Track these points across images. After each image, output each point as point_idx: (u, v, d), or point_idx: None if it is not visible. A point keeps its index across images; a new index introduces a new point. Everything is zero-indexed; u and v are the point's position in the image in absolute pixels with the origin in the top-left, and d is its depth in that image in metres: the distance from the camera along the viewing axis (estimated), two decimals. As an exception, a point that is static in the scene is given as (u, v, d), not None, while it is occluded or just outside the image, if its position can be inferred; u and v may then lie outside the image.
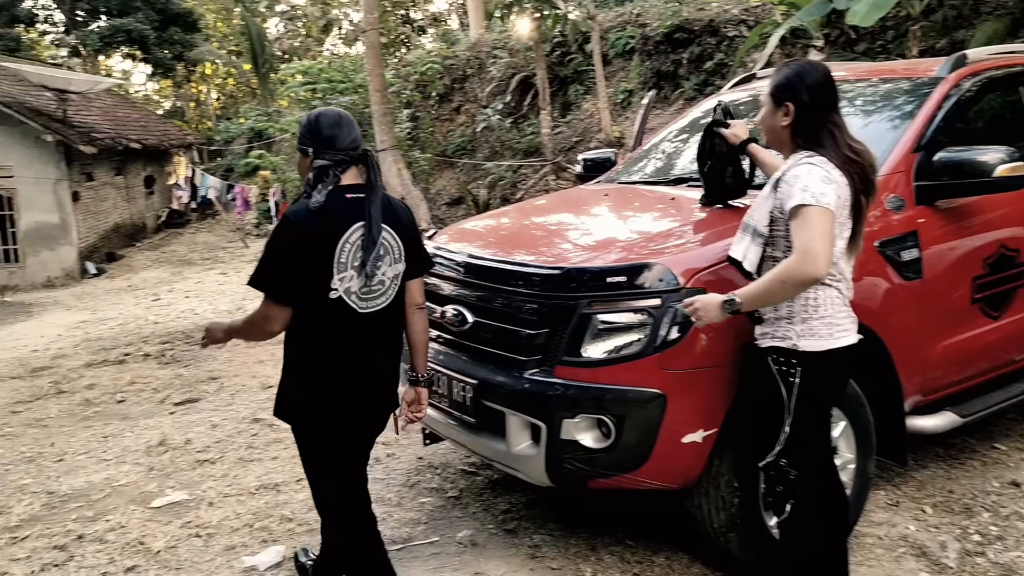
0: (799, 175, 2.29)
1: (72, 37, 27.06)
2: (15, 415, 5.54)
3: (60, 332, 9.75)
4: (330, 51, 31.67)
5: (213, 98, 36.00)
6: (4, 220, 15.63)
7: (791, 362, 2.39)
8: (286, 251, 2.38)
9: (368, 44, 12.81)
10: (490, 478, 3.99)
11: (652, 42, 12.84)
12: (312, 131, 2.49)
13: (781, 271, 2.27)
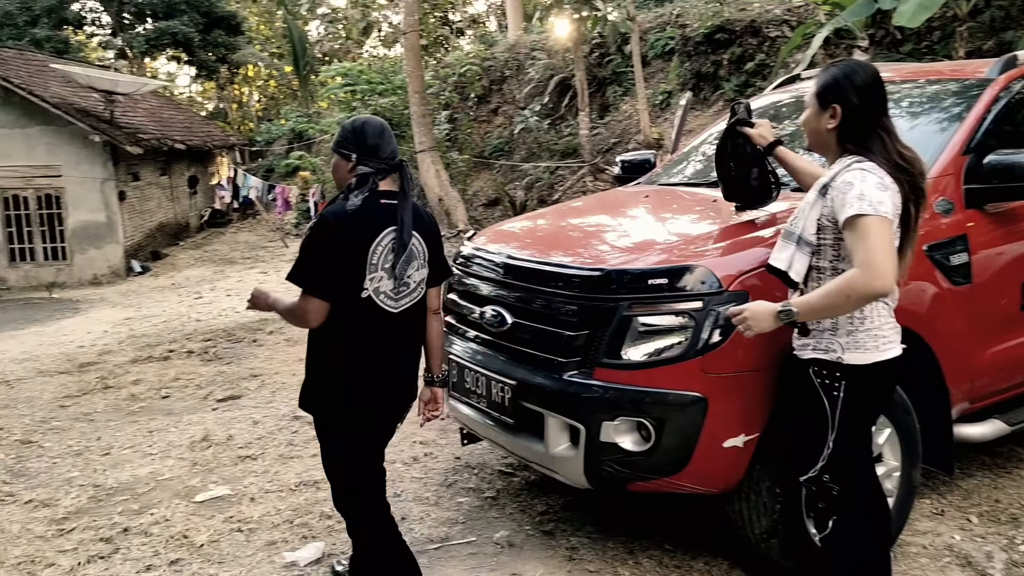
0: (852, 181, 2.20)
1: (119, 39, 27.65)
2: (63, 409, 5.68)
3: (106, 328, 9.96)
4: (369, 53, 31.92)
5: (255, 100, 36.50)
6: (53, 218, 16.02)
7: (835, 375, 2.31)
8: (323, 249, 2.50)
9: (408, 46, 12.91)
10: (527, 479, 3.99)
11: (692, 43, 12.74)
12: (357, 138, 2.61)
13: (845, 285, 2.17)
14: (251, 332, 8.30)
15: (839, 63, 2.40)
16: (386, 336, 2.61)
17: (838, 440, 2.34)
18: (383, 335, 2.59)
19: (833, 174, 2.29)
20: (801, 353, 2.40)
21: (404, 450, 4.45)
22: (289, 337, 7.72)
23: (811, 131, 2.41)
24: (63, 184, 15.75)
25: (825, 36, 8.28)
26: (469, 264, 3.58)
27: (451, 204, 12.94)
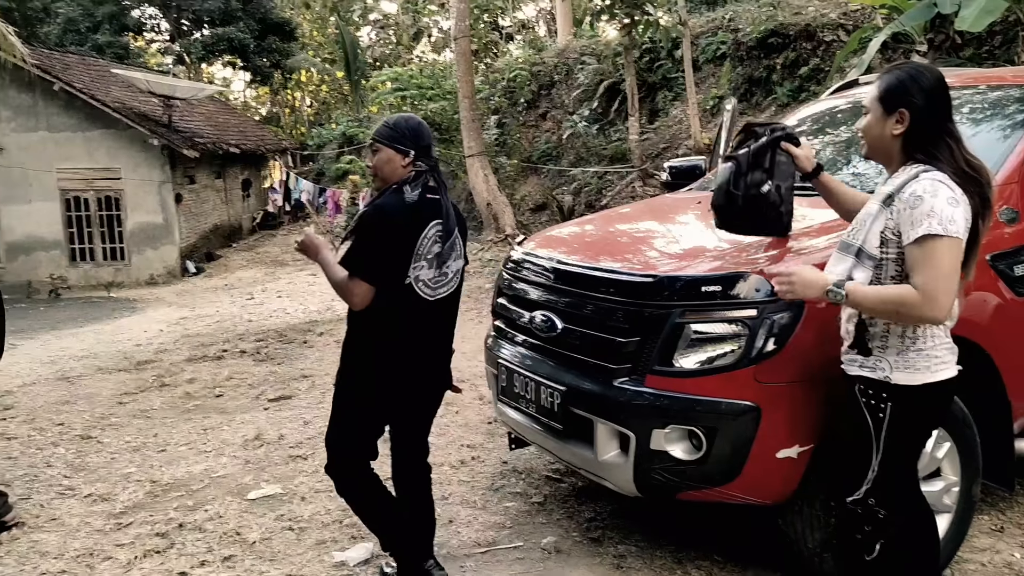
0: (921, 195, 2.08)
1: (177, 45, 28.35)
2: (122, 406, 5.84)
3: (162, 328, 10.21)
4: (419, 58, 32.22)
5: (307, 104, 37.09)
6: (112, 220, 16.48)
7: (881, 396, 2.20)
8: (379, 238, 2.69)
9: (459, 51, 13.00)
10: (575, 485, 3.98)
11: (744, 47, 12.59)
12: (415, 137, 2.79)
13: (900, 301, 2.08)
14: (302, 333, 8.44)
15: (901, 65, 2.28)
16: (421, 323, 2.80)
17: (883, 464, 2.24)
18: (419, 321, 2.79)
19: (899, 184, 2.16)
20: (848, 368, 2.31)
21: (451, 453, 4.47)
22: (339, 339, 7.81)
23: (873, 138, 2.26)
24: (123, 186, 16.20)
25: (882, 41, 8.12)
26: (519, 269, 3.59)
27: (499, 208, 12.99)
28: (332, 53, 32.97)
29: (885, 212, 2.16)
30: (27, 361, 8.38)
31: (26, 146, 15.99)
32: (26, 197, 16.20)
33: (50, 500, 4.05)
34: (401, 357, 2.79)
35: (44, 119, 15.96)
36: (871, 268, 2.19)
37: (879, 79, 2.28)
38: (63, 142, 16.02)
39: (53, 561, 3.38)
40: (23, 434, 5.19)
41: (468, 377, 6.01)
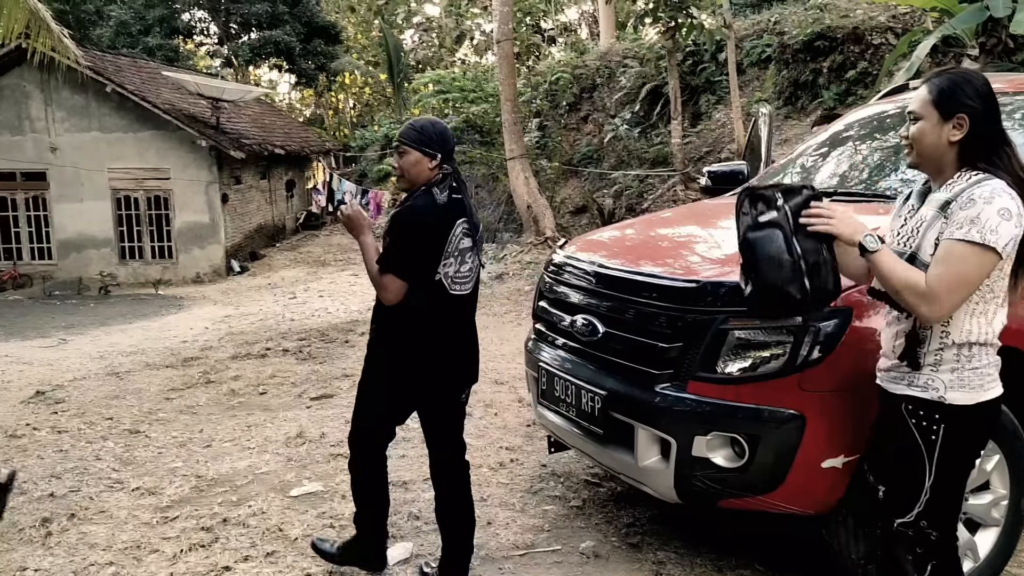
0: (975, 199, 2.00)
1: (225, 48, 28.86)
2: (168, 402, 5.96)
3: (207, 325, 10.40)
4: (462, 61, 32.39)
5: (350, 107, 37.50)
6: (161, 219, 16.84)
7: (934, 417, 2.10)
8: (414, 238, 2.81)
9: (502, 54, 13.04)
10: (613, 490, 3.97)
11: (790, 50, 12.45)
12: (442, 141, 2.90)
13: (909, 282, 2.01)
14: (343, 333, 8.54)
15: (948, 71, 2.20)
16: (449, 317, 2.92)
17: (936, 487, 2.15)
18: (446, 316, 2.91)
19: (958, 191, 2.07)
20: (891, 386, 2.20)
21: (490, 455, 4.49)
22: (379, 339, 7.90)
23: (928, 145, 2.14)
24: (171, 186, 16.54)
25: (932, 44, 7.96)
26: (560, 272, 3.59)
27: (539, 211, 12.99)
28: (376, 56, 33.30)
29: (940, 218, 2.08)
30: (77, 356, 8.60)
31: (79, 146, 16.41)
32: (78, 196, 16.62)
33: (99, 493, 4.15)
34: (430, 350, 2.91)
35: (96, 120, 16.36)
36: None
37: (928, 84, 2.17)
38: (115, 142, 16.41)
39: (102, 553, 3.46)
40: (74, 427, 5.33)
41: (507, 379, 6.04)
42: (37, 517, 3.83)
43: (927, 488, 2.16)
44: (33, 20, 10.10)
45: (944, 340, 2.10)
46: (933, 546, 2.23)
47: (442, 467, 3.09)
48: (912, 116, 2.17)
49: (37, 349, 9.63)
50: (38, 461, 4.67)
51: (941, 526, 2.22)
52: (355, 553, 3.26)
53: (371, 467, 3.21)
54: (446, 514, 3.08)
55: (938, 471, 2.14)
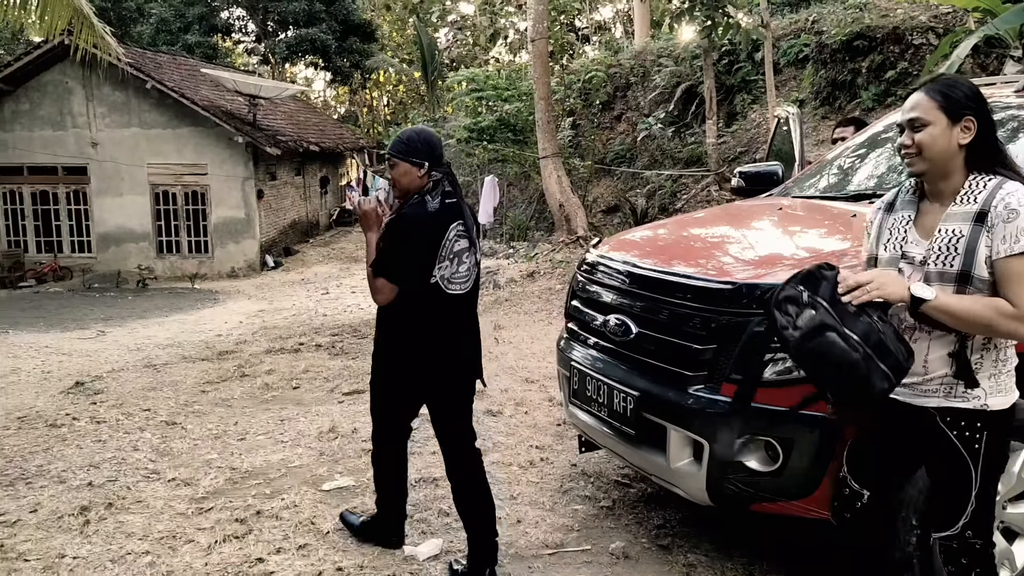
0: (1016, 208, 1.99)
1: (262, 46, 29.19)
2: (204, 394, 6.05)
3: (241, 319, 10.54)
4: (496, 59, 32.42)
5: (384, 104, 37.73)
6: (198, 214, 17.08)
7: (975, 425, 2.08)
8: (407, 245, 2.95)
9: (536, 53, 13.03)
10: (644, 491, 3.96)
11: (828, 50, 12.28)
12: (428, 148, 3.03)
13: (994, 314, 1.97)
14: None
15: (940, 77, 2.23)
16: (447, 316, 3.03)
17: (981, 495, 2.13)
18: (444, 315, 3.02)
19: (986, 198, 2.05)
20: (918, 400, 2.14)
21: (520, 454, 4.50)
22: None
23: (939, 151, 2.09)
24: (208, 182, 16.78)
25: (974, 44, 7.80)
26: (593, 271, 3.58)
27: (571, 210, 12.97)
28: (410, 54, 33.46)
29: (982, 231, 2.03)
30: (115, 348, 8.76)
31: (119, 141, 16.72)
32: (118, 190, 16.94)
33: (136, 483, 4.22)
34: (431, 347, 3.03)
35: (136, 116, 16.65)
36: (984, 291, 2.05)
37: (927, 92, 2.13)
38: (154, 138, 16.69)
39: (138, 542, 3.52)
40: (112, 418, 5.43)
41: (537, 378, 6.04)
42: (75, 505, 3.90)
43: (973, 499, 2.13)
44: (76, 16, 10.29)
45: (986, 346, 2.09)
46: (977, 555, 2.21)
47: (454, 459, 3.17)
48: (916, 124, 2.11)
49: (76, 340, 9.83)
50: (77, 451, 4.77)
51: (984, 534, 2.20)
52: (375, 530, 3.47)
53: (390, 461, 3.40)
54: (465, 505, 3.16)
55: (982, 479, 2.12)
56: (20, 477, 4.37)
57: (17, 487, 4.23)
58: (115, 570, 3.28)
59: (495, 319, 8.65)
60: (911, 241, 2.16)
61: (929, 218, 2.15)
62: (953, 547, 2.22)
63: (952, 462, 2.14)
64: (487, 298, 10.20)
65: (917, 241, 2.14)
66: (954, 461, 2.13)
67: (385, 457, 3.40)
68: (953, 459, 2.13)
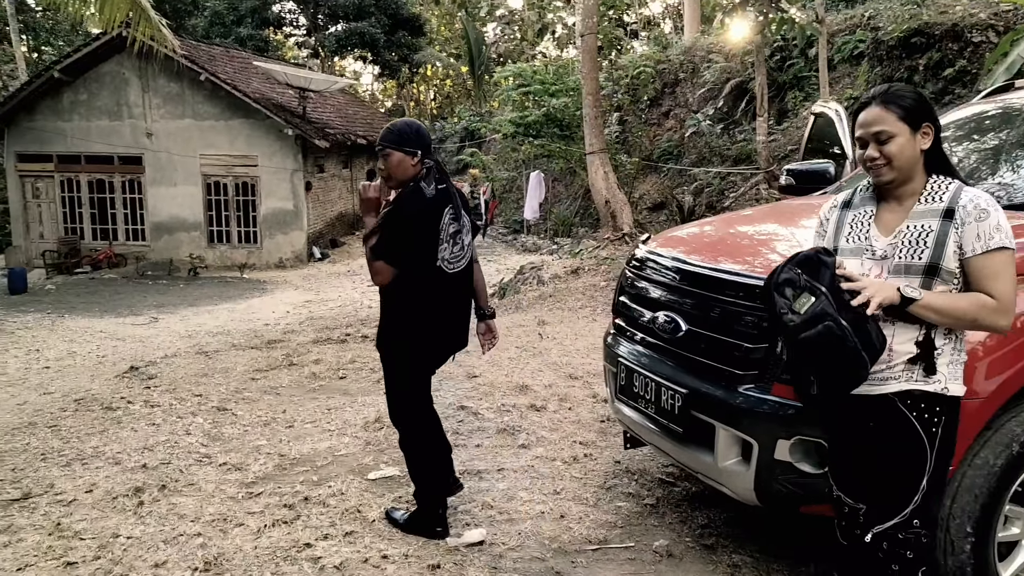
0: (986, 208, 2.13)
1: (312, 39, 29.54)
2: (253, 382, 6.16)
3: (288, 309, 10.71)
4: (543, 54, 32.38)
5: (431, 98, 37.92)
6: (248, 205, 17.37)
7: (935, 409, 2.16)
8: (408, 230, 3.15)
9: (585, 48, 12.98)
10: (688, 490, 3.94)
11: (884, 47, 12.04)
12: (419, 138, 3.22)
13: (979, 308, 2.10)
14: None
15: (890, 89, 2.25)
16: (447, 293, 3.30)
17: (931, 481, 2.19)
18: (445, 293, 3.29)
19: (951, 198, 2.18)
20: (877, 388, 2.19)
21: (564, 449, 4.50)
22: (455, 329, 7.99)
23: (907, 159, 2.19)
24: (258, 173, 17.04)
25: (1037, 42, 7.57)
26: (642, 267, 3.57)
27: (617, 206, 12.91)
28: (458, 48, 33.60)
29: (951, 227, 2.15)
30: (167, 334, 8.98)
31: (173, 132, 17.07)
32: (172, 180, 17.30)
33: (188, 466, 4.32)
34: (435, 323, 3.30)
35: (190, 107, 16.98)
36: (950, 283, 2.16)
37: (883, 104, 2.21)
38: (206, 129, 17.00)
39: (190, 524, 3.61)
40: (165, 403, 5.56)
41: (581, 375, 6.04)
42: (130, 487, 4.01)
43: (924, 484, 2.18)
44: (134, 9, 10.55)
45: (947, 336, 2.19)
46: (923, 548, 2.23)
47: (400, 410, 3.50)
48: (882, 137, 2.19)
49: (130, 326, 10.09)
50: (132, 433, 4.89)
51: (931, 524, 2.26)
52: (417, 524, 3.51)
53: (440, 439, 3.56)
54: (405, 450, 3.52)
55: (935, 465, 2.18)
56: (76, 458, 4.51)
57: (74, 467, 4.36)
58: (168, 551, 3.36)
59: (539, 315, 8.66)
60: (872, 236, 2.26)
61: (888, 216, 2.25)
62: (898, 538, 2.22)
63: (908, 445, 2.18)
64: (531, 293, 10.21)
65: (877, 237, 2.25)
66: (910, 444, 2.18)
67: (435, 436, 3.53)
68: (910, 442, 2.18)
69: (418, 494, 3.54)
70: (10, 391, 6.30)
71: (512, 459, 4.36)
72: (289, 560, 3.28)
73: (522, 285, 10.99)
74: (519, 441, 4.63)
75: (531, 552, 3.36)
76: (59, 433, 4.97)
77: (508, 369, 6.24)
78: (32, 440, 4.86)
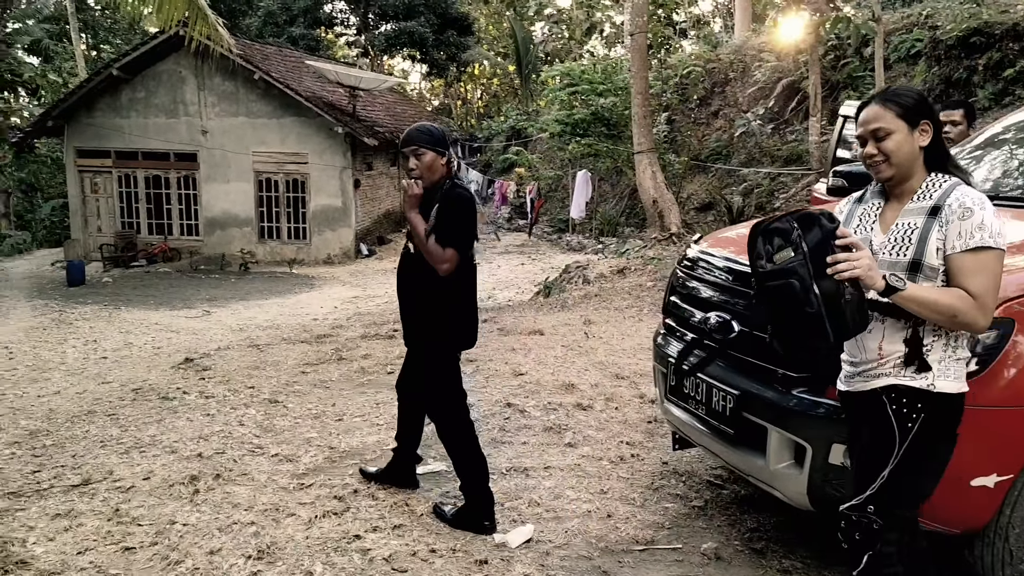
0: (971, 207, 2.12)
1: (363, 38, 29.86)
2: (304, 375, 6.26)
3: (336, 305, 10.84)
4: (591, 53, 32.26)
5: (477, 97, 38.05)
6: (298, 201, 17.63)
7: (915, 404, 2.17)
8: (467, 218, 3.41)
9: (635, 47, 12.92)
10: (737, 493, 3.90)
11: (943, 46, 11.76)
12: (443, 138, 3.46)
13: (957, 304, 2.08)
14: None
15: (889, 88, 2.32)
16: (473, 282, 3.55)
17: (896, 473, 2.19)
18: (473, 282, 3.55)
19: (940, 195, 2.19)
20: (867, 383, 2.26)
21: (611, 449, 4.49)
22: (502, 327, 8.02)
23: (906, 155, 2.23)
24: (308, 171, 17.29)
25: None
26: (694, 267, 3.54)
27: (665, 206, 12.83)
28: (505, 47, 33.65)
29: (935, 223, 2.17)
30: (219, 327, 9.17)
31: (227, 130, 17.40)
32: (225, 177, 17.64)
33: (241, 456, 4.41)
34: (469, 311, 3.53)
35: (244, 105, 17.29)
36: (934, 279, 2.16)
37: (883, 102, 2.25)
38: (259, 127, 17.30)
39: (244, 512, 3.68)
40: (219, 394, 5.69)
41: (628, 375, 6.02)
42: (186, 475, 4.11)
43: (884, 474, 2.20)
44: (191, 8, 10.78)
45: (936, 332, 2.18)
46: (874, 535, 2.25)
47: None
48: (880, 134, 2.23)
49: (183, 319, 10.33)
50: (187, 423, 5.01)
51: (888, 516, 2.23)
52: (465, 519, 3.55)
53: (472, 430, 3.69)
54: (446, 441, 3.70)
55: (903, 458, 2.19)
56: (135, 445, 4.63)
57: (132, 455, 4.48)
58: (222, 538, 3.44)
59: (585, 314, 8.65)
60: (874, 232, 2.29)
61: (889, 214, 2.29)
62: (852, 519, 2.28)
63: (879, 433, 2.23)
64: (576, 293, 10.20)
65: (877, 233, 2.29)
66: (882, 432, 2.22)
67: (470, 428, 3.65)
68: (882, 430, 2.22)
69: (465, 487, 3.58)
70: (70, 380, 6.49)
71: (559, 457, 4.37)
72: (339, 551, 3.33)
73: (567, 284, 10.98)
74: (565, 439, 4.63)
75: (578, 550, 3.36)
76: (118, 421, 5.12)
77: (554, 367, 6.25)
78: (92, 428, 5.00)
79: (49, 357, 7.70)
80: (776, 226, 2.17)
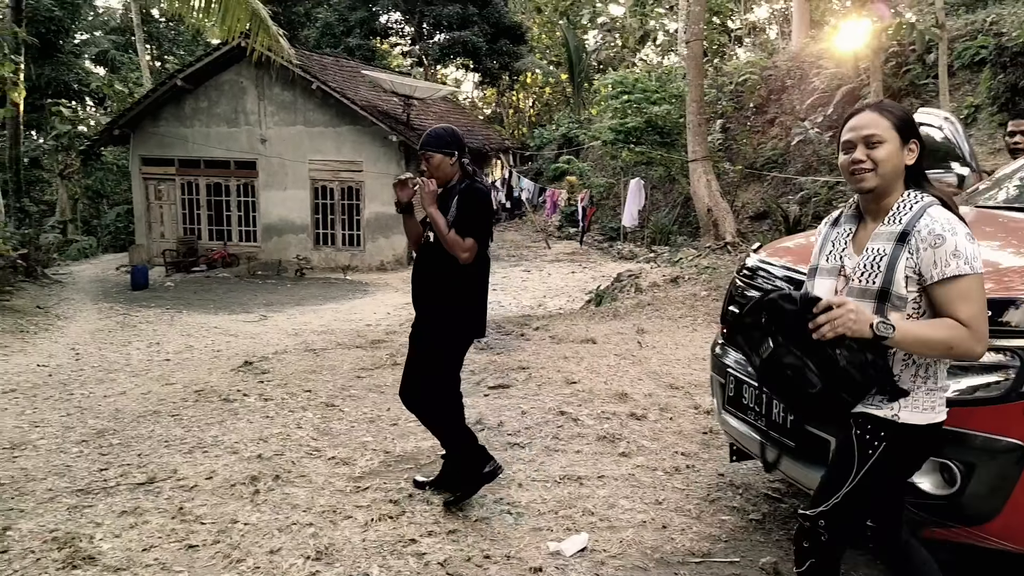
0: (942, 233, 2.07)
1: (417, 48, 30.20)
2: (359, 380, 6.34)
3: (389, 311, 10.96)
4: (644, 61, 32.12)
5: (530, 105, 38.15)
6: (352, 208, 17.88)
7: (878, 433, 2.15)
8: (487, 211, 3.70)
9: (690, 55, 12.84)
10: (796, 507, 3.83)
11: (1008, 53, 11.42)
12: (456, 139, 3.71)
13: (952, 336, 2.04)
14: (518, 326, 8.74)
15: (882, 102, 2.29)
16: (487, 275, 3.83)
17: (851, 496, 2.19)
18: (487, 275, 3.83)
19: (909, 220, 2.14)
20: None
21: (665, 459, 4.46)
22: (554, 335, 8.03)
23: (892, 168, 2.19)
24: (363, 178, 17.54)
25: None
26: (753, 277, 3.50)
27: (720, 215, 12.69)
28: (558, 56, 33.70)
29: (904, 251, 2.12)
30: (276, 332, 9.34)
31: (285, 138, 17.76)
32: (282, 184, 17.99)
33: (300, 458, 4.49)
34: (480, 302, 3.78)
35: (302, 114, 17.63)
36: (903, 309, 2.13)
37: (879, 112, 2.22)
38: (316, 136, 17.61)
39: (302, 514, 3.75)
40: (277, 396, 5.80)
41: (682, 385, 5.96)
42: (246, 475, 4.20)
43: (840, 495, 2.21)
44: (253, 20, 11.04)
45: (906, 361, 2.16)
46: (820, 547, 2.29)
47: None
48: (872, 141, 2.18)
49: (242, 323, 10.55)
50: (248, 424, 5.13)
51: (837, 533, 2.26)
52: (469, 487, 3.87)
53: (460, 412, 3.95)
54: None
55: (858, 484, 2.19)
56: (197, 446, 4.75)
57: (195, 455, 4.59)
58: (282, 539, 3.50)
59: (637, 322, 8.60)
60: (847, 255, 2.26)
61: (863, 235, 2.26)
62: (805, 526, 2.30)
63: (843, 453, 2.24)
64: (628, 301, 10.14)
65: (851, 255, 2.26)
66: (845, 453, 2.23)
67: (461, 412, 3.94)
68: (845, 451, 2.23)
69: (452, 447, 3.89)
70: (135, 381, 6.68)
71: (612, 467, 4.35)
72: (395, 554, 3.37)
73: (619, 293, 10.92)
74: (619, 449, 4.61)
75: (633, 560, 3.34)
76: (181, 422, 5.25)
77: (607, 376, 6.22)
78: (156, 428, 5.15)
79: (114, 358, 7.94)
80: (748, 321, 2.22)
